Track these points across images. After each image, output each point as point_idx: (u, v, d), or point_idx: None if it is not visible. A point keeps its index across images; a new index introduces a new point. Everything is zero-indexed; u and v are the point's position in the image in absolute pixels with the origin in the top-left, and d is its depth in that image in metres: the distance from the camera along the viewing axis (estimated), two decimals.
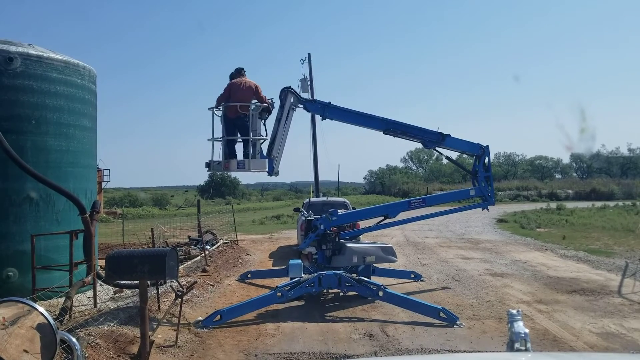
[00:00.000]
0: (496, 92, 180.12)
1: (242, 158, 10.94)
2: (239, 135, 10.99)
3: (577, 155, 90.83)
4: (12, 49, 10.39)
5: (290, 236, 25.03)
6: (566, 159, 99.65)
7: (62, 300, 8.94)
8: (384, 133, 11.55)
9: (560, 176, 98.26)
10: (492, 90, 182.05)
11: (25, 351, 2.84)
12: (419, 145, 12.20)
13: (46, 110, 10.73)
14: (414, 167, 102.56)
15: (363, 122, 11.69)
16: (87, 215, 9.81)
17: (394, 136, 11.63)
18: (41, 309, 2.75)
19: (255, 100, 10.95)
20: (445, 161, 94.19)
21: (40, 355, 2.80)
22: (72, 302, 8.89)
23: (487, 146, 11.97)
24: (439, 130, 11.64)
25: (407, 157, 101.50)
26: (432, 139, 11.73)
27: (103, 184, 34.70)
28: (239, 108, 10.76)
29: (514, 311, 3.07)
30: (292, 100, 11.20)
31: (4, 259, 10.17)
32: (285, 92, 11.20)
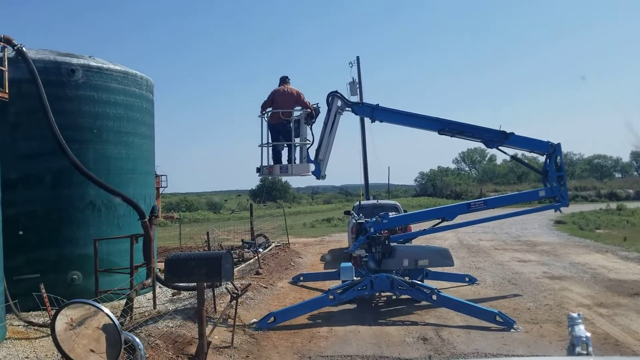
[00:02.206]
0: (559, 93, 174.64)
1: (286, 163, 11.10)
2: (283, 141, 11.14)
3: (639, 154, 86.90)
4: (74, 61, 10.87)
5: (341, 239, 25.02)
6: (626, 158, 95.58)
7: (123, 302, 9.27)
8: (439, 133, 11.39)
9: (620, 175, 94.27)
10: (555, 93, 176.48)
11: (92, 351, 2.96)
12: (472, 146, 12.11)
13: (107, 120, 11.15)
14: (467, 168, 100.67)
15: (415, 123, 11.57)
16: (146, 220, 10.14)
17: (451, 136, 11.45)
18: (107, 310, 2.86)
19: (299, 107, 11.07)
20: (499, 162, 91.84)
21: (105, 354, 2.90)
22: (132, 304, 9.20)
23: (559, 144, 11.53)
24: (501, 129, 11.37)
25: (459, 158, 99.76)
26: (494, 137, 11.46)
27: (161, 190, 35.63)
28: (281, 115, 10.91)
29: (575, 314, 2.96)
30: (338, 104, 11.23)
31: (68, 262, 10.62)
32: (332, 96, 11.24)
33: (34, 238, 10.28)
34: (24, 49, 9.58)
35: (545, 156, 11.81)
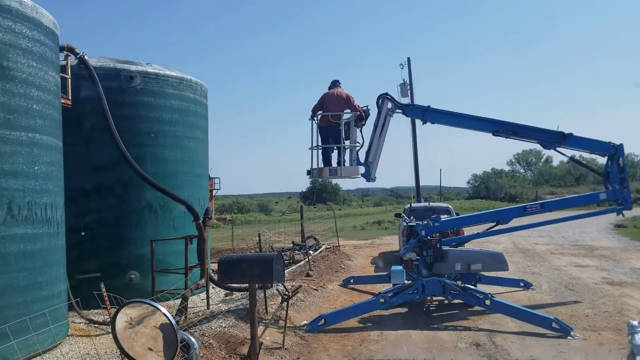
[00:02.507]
0: (617, 95, 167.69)
1: (335, 165, 11.14)
2: (332, 143, 11.18)
3: None
4: (132, 68, 11.25)
5: (392, 242, 24.82)
6: None
7: (178, 301, 9.52)
8: (493, 134, 11.16)
9: None
10: (613, 95, 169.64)
11: (150, 349, 3.05)
12: (527, 147, 11.76)
13: (163, 124, 11.49)
14: (522, 170, 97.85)
15: (467, 124, 11.37)
16: (200, 221, 10.38)
17: (506, 137, 11.20)
18: (164, 310, 2.94)
19: (348, 110, 11.10)
20: (555, 163, 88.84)
21: (163, 353, 2.99)
22: (187, 304, 9.43)
23: (621, 144, 11.08)
24: (559, 130, 11.04)
25: (513, 160, 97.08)
26: (551, 138, 11.14)
27: (214, 192, 36.47)
28: (330, 118, 10.97)
29: (635, 322, 2.83)
30: (389, 106, 11.18)
31: (127, 262, 10.99)
32: (382, 98, 11.20)
33: (95, 238, 10.69)
34: (85, 57, 9.98)
35: (606, 157, 11.36)
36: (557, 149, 11.29)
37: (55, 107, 8.18)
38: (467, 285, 10.47)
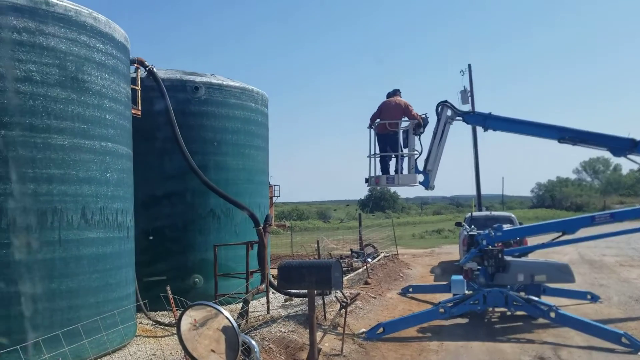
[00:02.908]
0: None
1: (393, 173, 11.07)
2: (390, 151, 11.13)
3: None
4: (197, 79, 11.63)
5: (452, 251, 24.33)
6: None
7: (239, 305, 9.70)
8: (559, 142, 10.77)
9: None
10: None
11: (213, 351, 3.12)
12: (595, 155, 11.23)
13: (226, 133, 11.81)
14: (589, 179, 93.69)
15: (531, 131, 11.02)
16: (261, 227, 10.57)
17: (572, 145, 10.79)
18: (226, 313, 3.01)
19: (406, 118, 11.03)
20: (625, 171, 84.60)
21: (225, 355, 3.06)
22: (248, 308, 9.59)
23: None
24: (630, 136, 10.54)
25: (580, 168, 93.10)
26: (621, 145, 10.65)
27: (274, 199, 36.98)
28: (387, 126, 10.93)
29: None
30: (448, 113, 11.02)
31: (191, 266, 11.33)
32: (441, 105, 11.06)
33: (163, 243, 11.07)
34: (154, 69, 10.40)
35: None
36: (628, 156, 10.76)
37: (126, 117, 8.57)
38: (530, 296, 10.12)
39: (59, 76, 7.12)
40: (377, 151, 11.13)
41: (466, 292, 10.36)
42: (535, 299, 10.05)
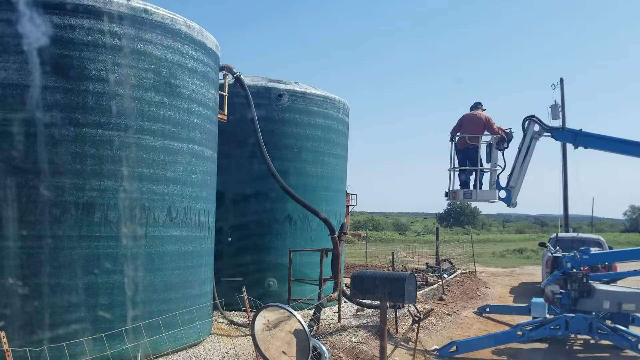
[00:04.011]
0: None
1: (472, 188, 10.81)
2: (470, 165, 10.87)
3: None
4: (282, 86, 11.92)
5: (534, 272, 23.33)
6: None
7: (311, 312, 9.80)
8: None
9: None
10: None
11: (284, 353, 3.19)
12: None
13: (306, 140, 12.02)
14: None
15: (627, 150, 10.38)
16: (335, 235, 10.64)
17: None
18: (299, 317, 3.07)
19: (487, 132, 10.74)
20: None
21: (296, 358, 3.11)
22: (320, 314, 9.68)
23: None
24: None
25: None
26: None
27: (350, 208, 36.96)
28: (467, 140, 10.68)
29: None
30: (535, 129, 10.62)
31: (267, 269, 11.59)
32: (528, 120, 10.67)
33: (241, 245, 11.41)
34: (241, 76, 10.75)
35: None
36: None
37: (212, 122, 8.93)
38: (617, 326, 9.53)
39: (154, 81, 7.54)
40: (457, 165, 10.92)
41: (547, 315, 9.92)
42: (623, 328, 9.45)
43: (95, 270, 6.97)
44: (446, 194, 11.14)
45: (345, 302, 11.79)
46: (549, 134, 10.78)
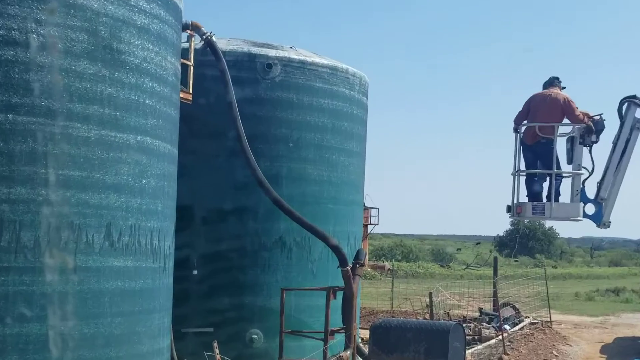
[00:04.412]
0: None
1: (544, 201, 10.82)
2: (541, 167, 10.88)
3: None
4: (272, 53, 11.93)
5: (635, 323, 23.33)
6: None
7: None
8: None
9: None
10: None
11: None
12: None
13: (306, 130, 12.01)
14: None
15: None
16: (349, 268, 10.62)
17: None
18: None
19: (567, 120, 10.72)
20: None
21: None
22: None
23: None
24: None
25: None
26: None
27: (369, 228, 36.87)
28: (538, 130, 10.64)
29: None
30: (637, 114, 10.65)
31: (248, 316, 11.55)
32: (627, 102, 10.70)
33: (213, 282, 11.40)
34: (213, 38, 10.78)
35: None
36: None
37: (172, 104, 8.92)
38: None
39: (88, 44, 7.51)
40: (524, 167, 10.94)
41: None
42: None
43: (5, 318, 6.96)
44: (508, 209, 11.15)
45: None
46: None
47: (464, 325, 16.09)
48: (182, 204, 9.54)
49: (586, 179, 10.79)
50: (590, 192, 10.70)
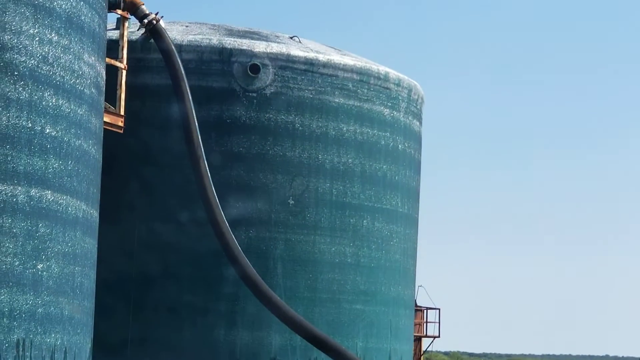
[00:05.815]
0: None
1: None
2: None
3: None
4: (259, 47, 11.75)
5: None
6: None
7: None
8: None
9: None
10: None
11: None
12: None
13: (317, 176, 11.89)
14: None
15: None
16: None
17: None
18: None
19: None
20: None
21: None
22: None
23: None
24: None
25: None
26: None
27: (425, 342, 36.49)
28: None
29: None
30: None
31: None
32: None
33: None
34: (162, 23, 10.78)
35: None
36: None
37: (90, 133, 8.94)
38: None
39: None
40: None
41: None
42: None
43: None
44: None
45: None
46: None
47: None
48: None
49: None
50: None
